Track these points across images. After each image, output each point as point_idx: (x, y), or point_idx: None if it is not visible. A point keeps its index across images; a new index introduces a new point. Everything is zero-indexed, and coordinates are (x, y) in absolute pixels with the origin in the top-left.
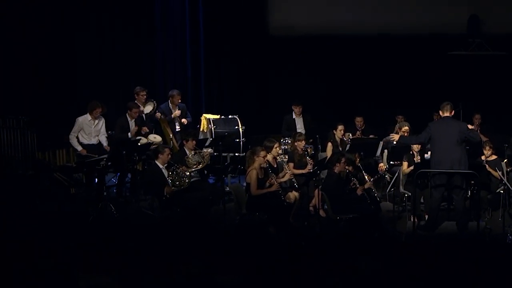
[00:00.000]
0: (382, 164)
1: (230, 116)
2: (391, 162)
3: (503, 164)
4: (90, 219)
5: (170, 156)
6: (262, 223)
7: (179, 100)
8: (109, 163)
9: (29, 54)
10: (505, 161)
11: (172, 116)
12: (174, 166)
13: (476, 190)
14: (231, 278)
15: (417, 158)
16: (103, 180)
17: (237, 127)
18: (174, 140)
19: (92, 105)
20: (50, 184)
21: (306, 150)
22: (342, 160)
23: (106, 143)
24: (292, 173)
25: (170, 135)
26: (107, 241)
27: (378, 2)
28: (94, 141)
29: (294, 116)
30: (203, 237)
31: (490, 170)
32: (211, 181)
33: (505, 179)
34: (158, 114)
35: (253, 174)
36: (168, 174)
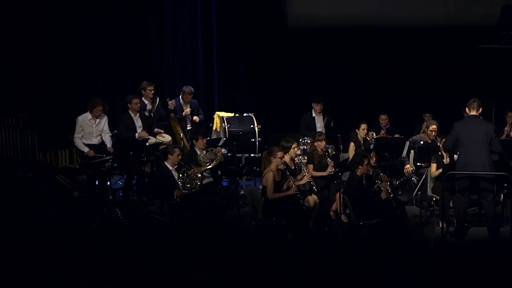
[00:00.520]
0: (408, 165)
1: (245, 114)
2: (418, 164)
3: None
4: (94, 225)
5: (180, 156)
6: (280, 229)
7: (191, 97)
8: (115, 165)
9: (28, 48)
10: None
11: (183, 114)
12: (184, 168)
13: (508, 193)
14: None
15: (446, 159)
16: (109, 183)
17: (252, 126)
18: (184, 139)
19: (92, 103)
20: (52, 187)
21: (327, 151)
22: (365, 161)
23: (110, 144)
24: (311, 175)
25: (181, 134)
26: (113, 248)
27: None
28: (95, 141)
29: (313, 114)
30: (216, 244)
31: None
32: (225, 183)
33: None
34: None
35: (269, 176)
36: (178, 176)
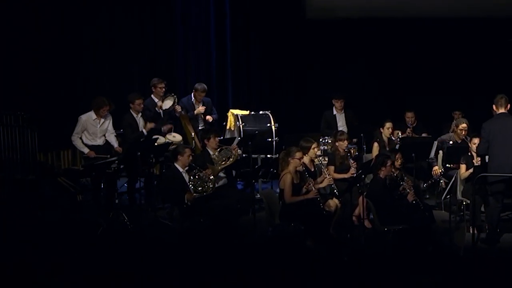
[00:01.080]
0: (436, 167)
1: (261, 112)
2: (447, 165)
3: None
4: (99, 231)
5: (191, 157)
6: (298, 236)
7: (204, 95)
8: (121, 166)
9: (29, 42)
10: None
11: (194, 112)
12: (196, 170)
13: None
14: None
15: (476, 160)
16: (115, 185)
17: (269, 125)
18: (196, 139)
19: (97, 102)
20: (54, 190)
21: (349, 151)
22: (388, 162)
23: (117, 144)
24: (332, 177)
25: (192, 134)
26: (119, 255)
27: None
28: (99, 141)
29: (335, 111)
30: (230, 252)
31: None
32: (240, 186)
33: None
34: (178, 107)
35: (287, 178)
36: (189, 178)
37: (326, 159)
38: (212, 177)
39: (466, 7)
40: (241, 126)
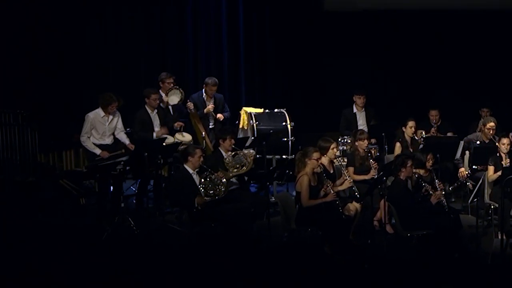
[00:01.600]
0: (463, 168)
1: (276, 110)
2: (474, 167)
3: None
4: (104, 236)
5: (202, 158)
6: (316, 241)
7: (215, 89)
8: (127, 168)
9: (29, 36)
10: None
11: (204, 111)
12: (207, 171)
13: None
14: None
15: (505, 162)
16: (120, 188)
17: (284, 124)
18: (207, 139)
19: (105, 98)
20: (55, 193)
21: (370, 152)
22: (408, 163)
23: (128, 140)
24: (352, 179)
25: (203, 133)
26: (125, 262)
27: None
28: (108, 141)
29: (355, 109)
30: (243, 258)
31: None
32: (253, 189)
33: None
34: (190, 103)
35: (304, 180)
36: (200, 180)
37: (345, 160)
38: (224, 179)
39: None
40: (254, 125)
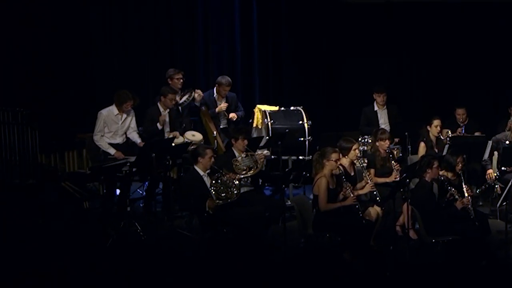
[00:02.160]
0: (491, 170)
1: (292, 107)
2: (503, 168)
3: None
4: (109, 242)
5: (213, 159)
6: (334, 248)
7: (229, 89)
8: (134, 169)
9: (30, 30)
10: None
11: (216, 110)
12: (219, 173)
13: None
14: None
15: None
16: (127, 191)
17: (301, 122)
18: (218, 138)
19: (120, 96)
20: (57, 196)
21: (391, 152)
22: (435, 164)
23: (140, 140)
24: (373, 182)
25: (214, 132)
26: (131, 270)
27: None
28: (119, 140)
29: (376, 107)
30: (257, 266)
31: None
32: (268, 192)
33: None
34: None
35: (322, 183)
36: (211, 183)
37: (366, 161)
38: (236, 181)
39: None
40: (269, 123)
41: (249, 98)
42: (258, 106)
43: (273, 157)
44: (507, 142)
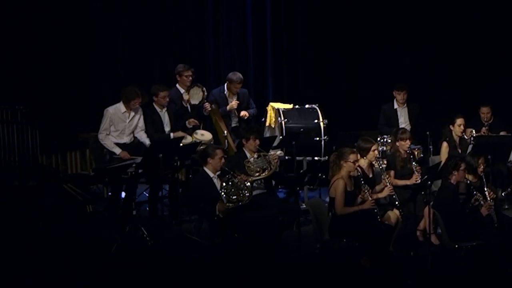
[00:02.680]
0: None
1: (307, 105)
2: None
3: None
4: (113, 247)
5: (224, 160)
6: (352, 253)
7: (240, 86)
8: (139, 171)
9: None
10: None
11: (227, 108)
12: (229, 175)
13: None
14: None
15: None
16: (133, 194)
17: (316, 121)
18: (229, 138)
19: (128, 93)
20: (59, 199)
21: (412, 153)
22: (462, 166)
23: (148, 140)
24: (393, 185)
25: (224, 132)
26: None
27: None
28: (126, 139)
29: (396, 105)
30: (270, 272)
31: None
32: (281, 195)
33: None
34: (207, 104)
35: (339, 185)
36: (221, 185)
37: (385, 162)
38: (248, 183)
39: None
40: (283, 122)
41: (261, 96)
42: (271, 104)
43: (287, 157)
44: None
